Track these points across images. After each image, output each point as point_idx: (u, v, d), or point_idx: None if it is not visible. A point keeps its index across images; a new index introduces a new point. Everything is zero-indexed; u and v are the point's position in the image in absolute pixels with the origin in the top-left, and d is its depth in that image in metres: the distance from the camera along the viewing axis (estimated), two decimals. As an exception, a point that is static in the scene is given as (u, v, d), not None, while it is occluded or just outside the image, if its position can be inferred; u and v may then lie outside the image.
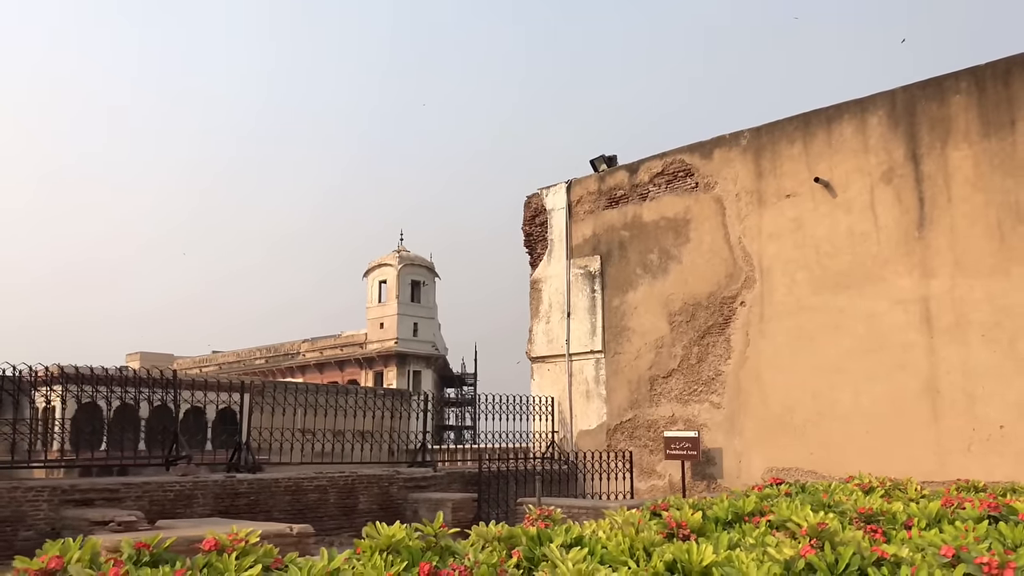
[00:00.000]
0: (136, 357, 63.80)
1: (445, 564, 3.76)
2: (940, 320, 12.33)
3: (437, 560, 3.84)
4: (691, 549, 3.65)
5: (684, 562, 3.66)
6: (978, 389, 11.97)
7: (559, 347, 17.15)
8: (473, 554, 3.90)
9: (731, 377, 14.35)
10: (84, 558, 2.88)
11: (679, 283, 15.30)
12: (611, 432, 16.04)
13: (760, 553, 3.75)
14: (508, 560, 3.93)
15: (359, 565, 3.57)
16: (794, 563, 3.61)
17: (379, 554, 3.80)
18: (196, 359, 66.48)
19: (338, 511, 12.49)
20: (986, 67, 12.47)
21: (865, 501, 5.58)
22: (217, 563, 3.30)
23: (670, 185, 15.66)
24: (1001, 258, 11.92)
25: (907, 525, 4.97)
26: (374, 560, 3.65)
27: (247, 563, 3.38)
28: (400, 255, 52.42)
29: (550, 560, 3.78)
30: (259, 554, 3.52)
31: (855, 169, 13.37)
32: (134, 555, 3.20)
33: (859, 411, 12.83)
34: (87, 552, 2.95)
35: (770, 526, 4.82)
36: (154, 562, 3.21)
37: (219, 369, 59.64)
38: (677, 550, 3.70)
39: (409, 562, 3.77)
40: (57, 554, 2.78)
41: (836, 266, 13.38)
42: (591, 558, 3.89)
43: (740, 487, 13.34)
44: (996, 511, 5.20)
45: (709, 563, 3.62)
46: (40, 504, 9.64)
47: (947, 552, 3.48)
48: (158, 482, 10.76)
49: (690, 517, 4.78)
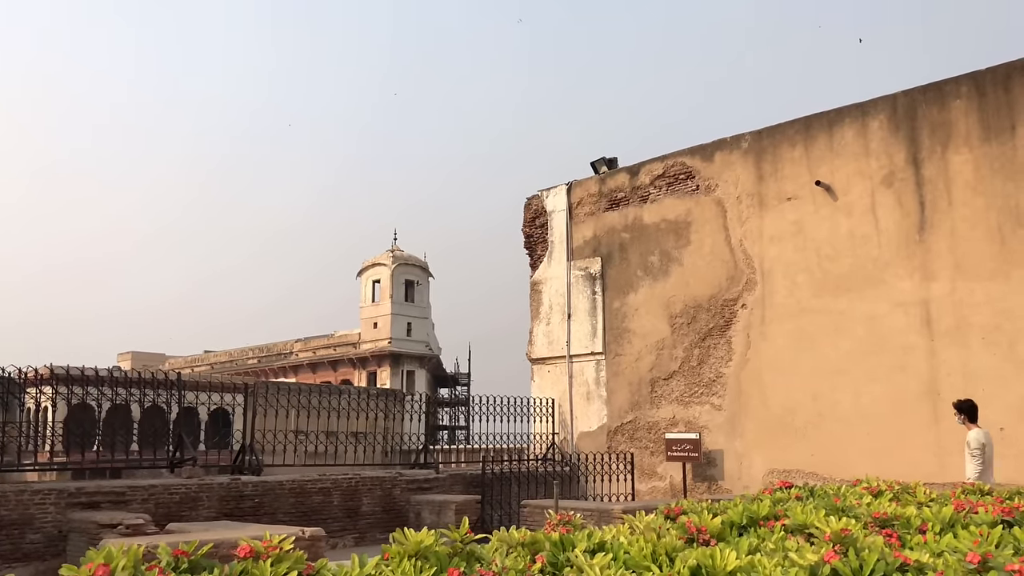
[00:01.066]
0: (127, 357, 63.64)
1: (472, 569, 3.76)
2: (940, 323, 12.40)
3: (464, 565, 3.86)
4: (715, 554, 3.65)
5: (708, 567, 3.64)
6: (978, 391, 11.99)
7: (559, 349, 17.18)
8: (500, 560, 3.91)
9: (732, 379, 14.41)
10: (128, 565, 2.89)
11: (680, 285, 15.35)
12: (612, 434, 16.08)
13: (782, 558, 3.76)
14: (533, 565, 3.94)
15: (388, 571, 3.58)
16: (819, 569, 3.62)
17: (408, 559, 3.81)
18: (188, 359, 66.31)
19: (342, 513, 12.49)
20: (986, 72, 12.56)
21: (877, 505, 5.57)
22: (254, 570, 3.30)
23: (671, 187, 15.72)
24: (1001, 261, 11.99)
25: (921, 530, 4.98)
26: (403, 566, 3.66)
27: (282, 570, 3.37)
28: (394, 255, 52.41)
29: (575, 565, 3.79)
30: (292, 560, 3.52)
31: (856, 172, 13.44)
32: (172, 562, 3.20)
33: (860, 413, 12.90)
34: (130, 559, 2.95)
35: (785, 530, 4.84)
36: (192, 569, 3.21)
37: (211, 369, 59.48)
38: (701, 555, 3.70)
39: (438, 568, 3.78)
40: (103, 562, 2.80)
41: (837, 269, 13.44)
42: (615, 563, 3.91)
43: (741, 489, 13.44)
44: (1009, 515, 5.21)
45: (733, 568, 3.60)
46: (47, 507, 9.62)
47: (973, 559, 3.43)
48: (164, 485, 10.74)
49: (709, 522, 4.78)
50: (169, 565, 3.20)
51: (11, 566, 9.10)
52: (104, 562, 2.87)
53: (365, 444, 15.02)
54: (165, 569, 3.16)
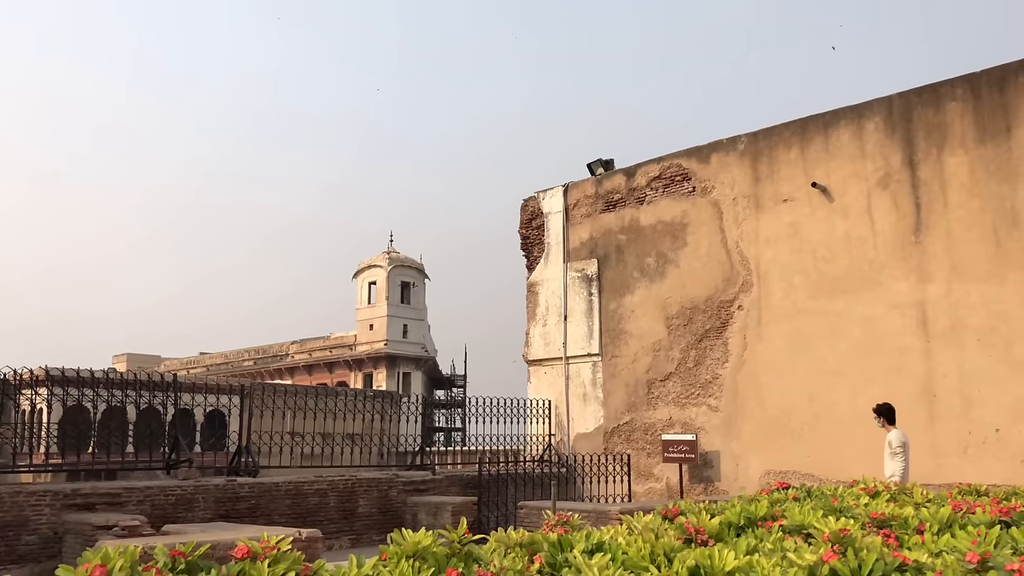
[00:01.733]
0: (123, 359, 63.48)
1: (470, 570, 3.75)
2: (936, 324, 12.42)
3: (463, 566, 3.84)
4: (713, 555, 3.64)
5: (707, 568, 3.62)
6: (974, 393, 12.06)
7: (556, 350, 17.18)
8: (498, 560, 3.90)
9: (728, 380, 14.41)
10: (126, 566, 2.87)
11: (676, 287, 15.36)
12: (608, 435, 16.08)
13: (780, 558, 3.75)
14: (531, 566, 3.93)
15: (386, 572, 3.57)
16: (818, 569, 3.61)
17: (406, 560, 3.80)
18: (183, 360, 66.13)
19: (338, 515, 12.45)
20: (981, 74, 12.59)
21: (875, 506, 5.58)
22: (251, 570, 3.28)
23: (667, 189, 15.73)
24: (997, 263, 12.01)
25: (919, 530, 4.98)
26: (401, 567, 3.65)
27: (280, 570, 3.35)
28: (390, 256, 52.38)
29: (573, 566, 3.78)
30: (290, 561, 3.51)
31: (852, 174, 13.46)
32: (170, 563, 3.18)
33: (856, 414, 12.89)
34: (127, 560, 2.93)
35: (783, 531, 4.84)
36: (189, 570, 3.19)
37: (207, 371, 59.38)
38: (699, 556, 3.69)
39: (436, 568, 3.76)
40: (100, 563, 2.77)
41: (833, 270, 13.46)
42: (613, 564, 3.90)
43: (737, 490, 13.45)
44: (1007, 516, 5.22)
45: (732, 569, 3.59)
46: (43, 509, 9.59)
47: (972, 558, 3.43)
48: (159, 486, 10.71)
49: (707, 523, 4.78)
50: (166, 566, 3.18)
51: (7, 568, 9.07)
52: (101, 563, 2.85)
53: (361, 446, 14.99)
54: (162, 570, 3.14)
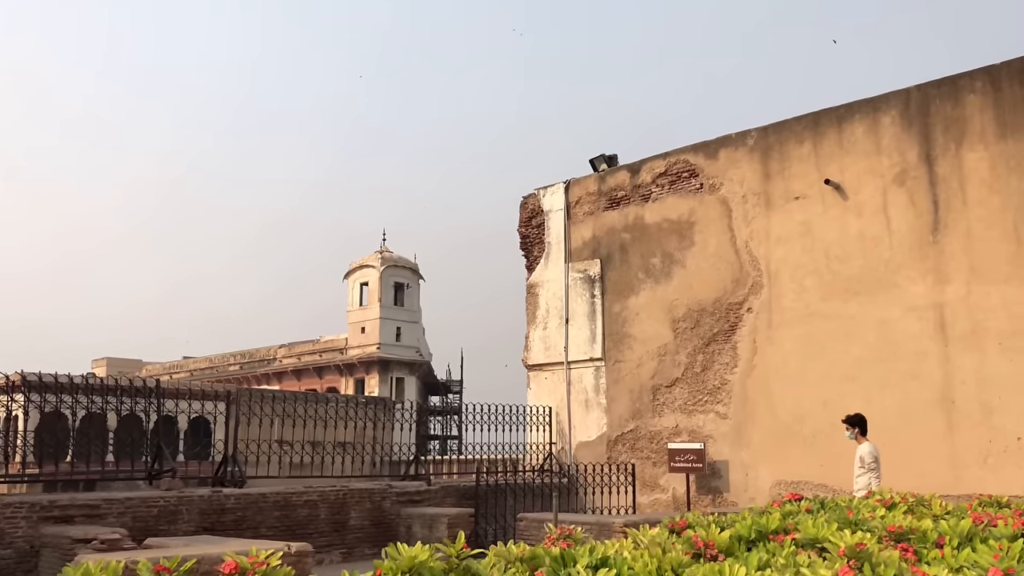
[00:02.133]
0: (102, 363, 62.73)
1: (468, 586, 3.54)
2: (955, 328, 12.02)
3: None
4: (723, 570, 3.50)
5: (716, 584, 3.53)
6: (994, 399, 11.66)
7: (557, 355, 16.68)
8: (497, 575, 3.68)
9: (738, 386, 13.96)
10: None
11: (683, 288, 14.89)
12: (612, 444, 15.60)
13: (794, 574, 3.61)
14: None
15: (379, 588, 3.32)
16: (833, 584, 3.47)
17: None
18: (166, 365, 65.20)
19: (329, 527, 11.97)
20: (1002, 66, 12.21)
21: (892, 518, 5.29)
22: (238, 587, 2.96)
23: (673, 186, 15.27)
24: (1018, 263, 11.63)
25: (938, 544, 4.73)
26: (395, 583, 3.40)
27: (268, 587, 3.08)
28: (383, 256, 51.65)
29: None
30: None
31: (867, 171, 13.04)
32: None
33: (871, 422, 12.43)
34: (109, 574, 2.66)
35: (796, 545, 4.55)
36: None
37: (191, 375, 58.71)
38: (709, 571, 3.53)
39: (431, 584, 3.54)
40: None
41: (847, 271, 13.03)
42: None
43: (747, 501, 12.99)
44: (1030, 529, 4.92)
45: (742, 585, 3.50)
46: (18, 521, 9.20)
47: (995, 574, 3.38)
48: (141, 497, 10.25)
49: (717, 536, 4.55)
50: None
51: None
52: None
53: (353, 455, 14.54)
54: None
